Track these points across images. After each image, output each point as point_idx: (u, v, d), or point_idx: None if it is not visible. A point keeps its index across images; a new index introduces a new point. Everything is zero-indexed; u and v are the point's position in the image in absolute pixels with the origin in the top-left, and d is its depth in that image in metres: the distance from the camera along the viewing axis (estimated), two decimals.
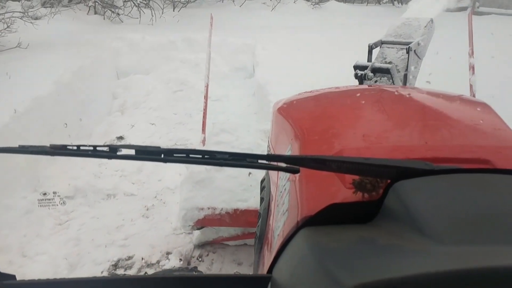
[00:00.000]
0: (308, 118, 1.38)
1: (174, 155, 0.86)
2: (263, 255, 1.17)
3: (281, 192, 1.15)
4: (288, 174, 1.06)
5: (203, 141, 3.29)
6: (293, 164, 0.85)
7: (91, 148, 0.90)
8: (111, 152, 0.89)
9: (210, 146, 2.98)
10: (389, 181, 0.81)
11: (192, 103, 4.97)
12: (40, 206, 2.85)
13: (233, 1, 9.16)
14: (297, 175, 1.02)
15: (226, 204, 2.49)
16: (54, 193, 2.90)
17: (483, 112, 1.30)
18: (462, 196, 0.75)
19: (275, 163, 0.86)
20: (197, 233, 2.78)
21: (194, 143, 4.24)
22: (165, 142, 4.37)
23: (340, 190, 0.89)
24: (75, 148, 0.91)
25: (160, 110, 4.96)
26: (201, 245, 2.79)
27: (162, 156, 0.86)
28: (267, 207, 1.33)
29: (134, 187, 3.52)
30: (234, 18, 7.90)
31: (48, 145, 0.94)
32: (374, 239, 0.70)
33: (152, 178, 3.62)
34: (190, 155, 0.86)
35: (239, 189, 2.55)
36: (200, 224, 2.55)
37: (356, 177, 0.85)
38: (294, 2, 9.22)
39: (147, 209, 3.22)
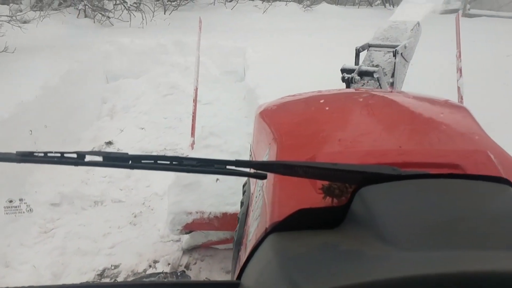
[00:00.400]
0: (287, 122, 1.38)
1: (142, 161, 0.86)
2: (239, 260, 1.17)
3: (256, 197, 1.16)
4: (266, 180, 1.06)
5: (192, 145, 3.27)
6: (261, 169, 0.85)
7: (58, 154, 0.89)
8: (78, 159, 0.88)
9: (199, 150, 2.95)
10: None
11: (182, 107, 4.92)
12: (6, 214, 2.79)
13: (225, 4, 9.13)
14: (269, 180, 1.02)
15: (214, 208, 2.47)
16: (21, 200, 2.85)
17: (460, 117, 1.31)
18: (426, 202, 0.74)
19: (243, 169, 0.86)
20: (186, 237, 2.75)
21: (184, 148, 4.19)
22: (154, 147, 4.33)
23: (310, 195, 0.88)
24: (41, 155, 0.90)
25: (150, 114, 4.91)
26: (189, 253, 2.74)
27: (130, 162, 0.86)
28: (246, 212, 1.33)
29: (122, 194, 3.47)
30: (226, 21, 7.87)
31: (15, 152, 0.92)
32: (336, 245, 0.70)
33: (140, 184, 3.58)
34: (158, 162, 0.86)
35: (227, 192, 2.53)
36: (189, 228, 2.52)
37: (326, 182, 0.84)
38: (286, 5, 9.20)
39: (135, 216, 3.17)
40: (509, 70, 4.70)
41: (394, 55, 2.33)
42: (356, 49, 2.50)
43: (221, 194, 2.52)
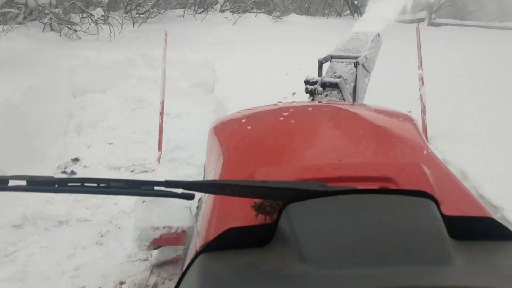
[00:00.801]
0: (236, 137, 1.38)
1: (69, 184, 0.85)
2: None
3: (198, 215, 1.15)
4: (205, 197, 1.05)
5: (159, 159, 3.23)
6: (191, 189, 0.85)
7: None
8: (0, 184, 0.85)
9: (165, 164, 2.91)
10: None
11: (151, 121, 4.85)
12: None
13: (194, 16, 9.12)
14: (204, 198, 1.02)
15: (181, 222, 2.43)
16: None
17: (405, 128, 1.34)
18: (349, 218, 0.74)
19: (173, 190, 0.85)
20: (155, 252, 2.69)
21: (153, 163, 4.12)
22: (123, 162, 4.23)
23: (242, 213, 0.88)
24: None
25: (118, 129, 4.83)
26: (157, 271, 2.67)
27: (56, 186, 0.85)
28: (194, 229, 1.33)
29: (88, 212, 3.37)
30: (195, 33, 7.86)
31: None
32: (258, 265, 0.70)
33: (107, 202, 3.48)
34: (85, 184, 0.85)
35: (194, 206, 2.49)
36: (156, 243, 2.47)
37: (258, 200, 0.84)
38: (256, 16, 9.27)
39: (101, 236, 3.08)
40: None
41: (356, 66, 2.36)
42: (319, 61, 2.52)
43: (189, 208, 2.49)
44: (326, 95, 2.35)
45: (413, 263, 0.64)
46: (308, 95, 2.33)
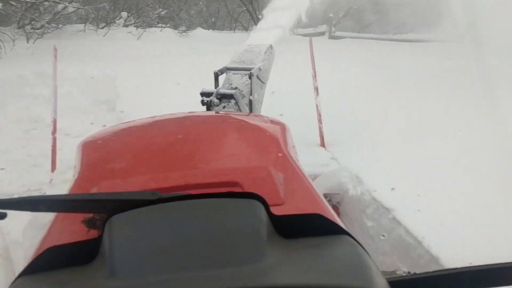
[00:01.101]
0: (94, 153, 1.34)
1: None
2: None
3: None
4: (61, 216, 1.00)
5: (51, 181, 3.04)
6: (2, 208, 0.78)
7: None
8: None
9: (58, 185, 2.73)
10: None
11: (50, 142, 4.54)
12: None
13: (96, 31, 8.76)
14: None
15: None
16: None
17: (270, 135, 1.37)
18: (168, 225, 0.73)
19: None
20: None
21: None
22: (15, 189, 3.88)
23: (71, 230, 0.83)
24: None
25: (11, 153, 4.44)
26: None
27: None
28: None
29: None
30: (97, 48, 7.55)
31: None
32: (64, 285, 0.67)
33: None
34: None
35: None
36: None
37: (89, 215, 0.80)
38: (161, 31, 9.16)
39: None
40: None
41: (250, 77, 2.40)
42: (214, 73, 2.54)
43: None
44: (224, 107, 2.36)
45: (222, 265, 0.64)
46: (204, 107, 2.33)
